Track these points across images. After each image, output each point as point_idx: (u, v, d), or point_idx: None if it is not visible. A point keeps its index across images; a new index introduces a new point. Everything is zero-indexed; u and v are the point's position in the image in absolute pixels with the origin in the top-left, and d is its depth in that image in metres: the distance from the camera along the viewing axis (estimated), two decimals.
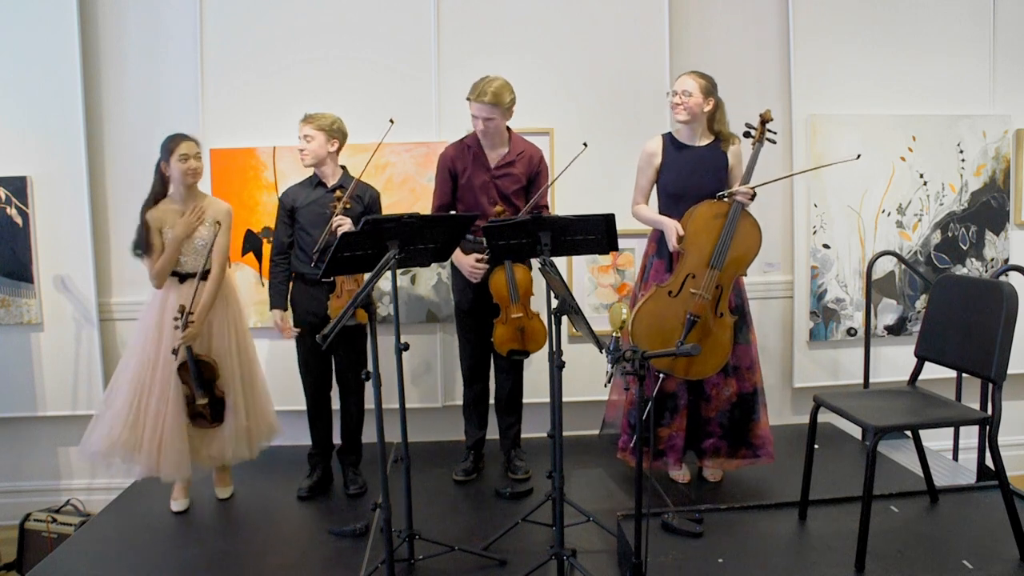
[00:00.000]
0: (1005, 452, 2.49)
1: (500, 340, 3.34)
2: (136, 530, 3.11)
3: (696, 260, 3.10)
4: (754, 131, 3.19)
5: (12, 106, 3.83)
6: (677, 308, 3.09)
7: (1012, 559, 2.44)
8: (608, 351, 2.29)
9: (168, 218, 3.14)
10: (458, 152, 3.37)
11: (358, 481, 3.45)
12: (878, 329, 4.17)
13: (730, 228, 3.07)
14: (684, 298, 3.09)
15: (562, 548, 2.47)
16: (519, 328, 3.32)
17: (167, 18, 3.91)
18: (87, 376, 3.95)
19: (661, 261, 3.28)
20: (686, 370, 3.11)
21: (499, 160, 3.35)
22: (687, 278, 3.10)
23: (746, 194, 3.08)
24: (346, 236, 2.37)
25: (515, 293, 3.29)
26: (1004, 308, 2.44)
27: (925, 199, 4.18)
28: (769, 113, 3.22)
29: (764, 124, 3.19)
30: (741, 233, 3.10)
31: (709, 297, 3.07)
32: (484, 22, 3.94)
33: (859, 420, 2.51)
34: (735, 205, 3.08)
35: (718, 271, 3.07)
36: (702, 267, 3.08)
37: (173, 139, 3.13)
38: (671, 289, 3.11)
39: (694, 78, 3.15)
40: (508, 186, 3.34)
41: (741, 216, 3.09)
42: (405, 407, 2.61)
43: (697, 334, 3.06)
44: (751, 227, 3.14)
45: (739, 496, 3.18)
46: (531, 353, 3.41)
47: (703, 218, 3.09)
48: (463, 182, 3.34)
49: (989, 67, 4.19)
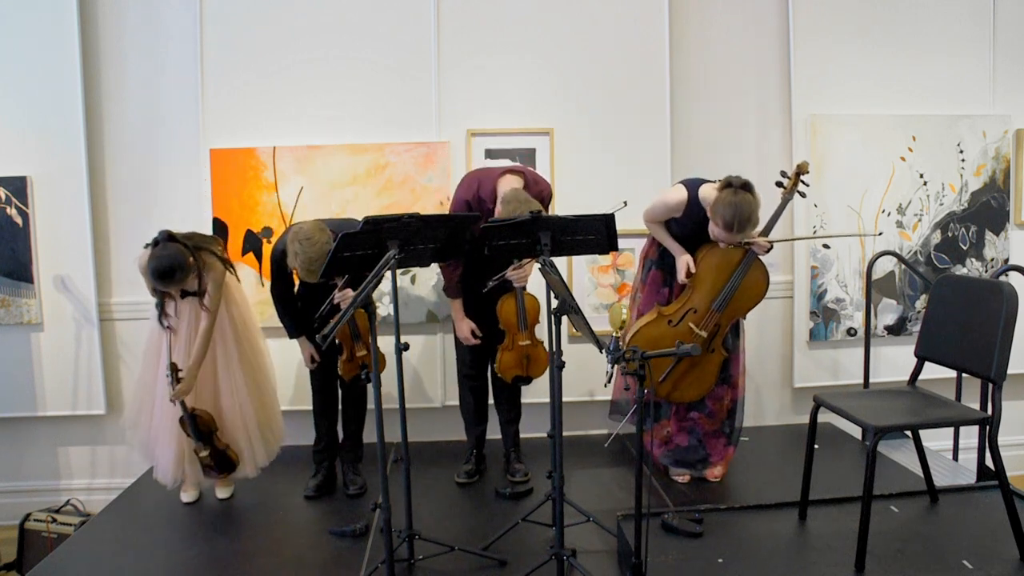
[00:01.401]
0: (1005, 452, 2.49)
1: (505, 367, 3.33)
2: (136, 530, 3.11)
3: (701, 298, 3.12)
4: (787, 181, 3.14)
5: (12, 106, 3.83)
6: (673, 337, 3.10)
7: (1012, 559, 2.44)
8: (608, 351, 2.29)
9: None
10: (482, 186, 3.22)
11: (358, 481, 3.45)
12: (878, 329, 4.17)
13: (741, 275, 3.09)
14: (682, 331, 3.12)
15: (562, 548, 2.47)
16: (525, 356, 3.32)
17: (167, 18, 3.91)
18: (87, 376, 3.95)
19: (659, 272, 3.29)
20: (668, 392, 3.17)
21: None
22: (688, 312, 3.13)
23: (763, 246, 3.08)
24: (346, 236, 2.37)
25: (524, 321, 3.29)
26: (1004, 308, 2.44)
27: (925, 199, 4.18)
28: (807, 165, 3.14)
29: (799, 176, 3.13)
30: (749, 281, 3.11)
31: (706, 335, 3.11)
32: (484, 22, 3.94)
33: (859, 420, 2.51)
34: (750, 253, 3.09)
35: (719, 313, 3.11)
36: (705, 306, 3.11)
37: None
38: (671, 319, 3.14)
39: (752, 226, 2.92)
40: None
41: (753, 265, 3.10)
42: (405, 407, 2.61)
43: (686, 363, 3.12)
44: (760, 276, 3.14)
45: (739, 496, 3.18)
46: (533, 379, 3.41)
47: (716, 260, 3.10)
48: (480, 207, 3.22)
49: (989, 67, 4.19)
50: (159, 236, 2.95)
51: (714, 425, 3.29)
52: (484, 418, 3.61)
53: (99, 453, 4.07)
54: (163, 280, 2.90)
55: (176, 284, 2.95)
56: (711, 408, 3.27)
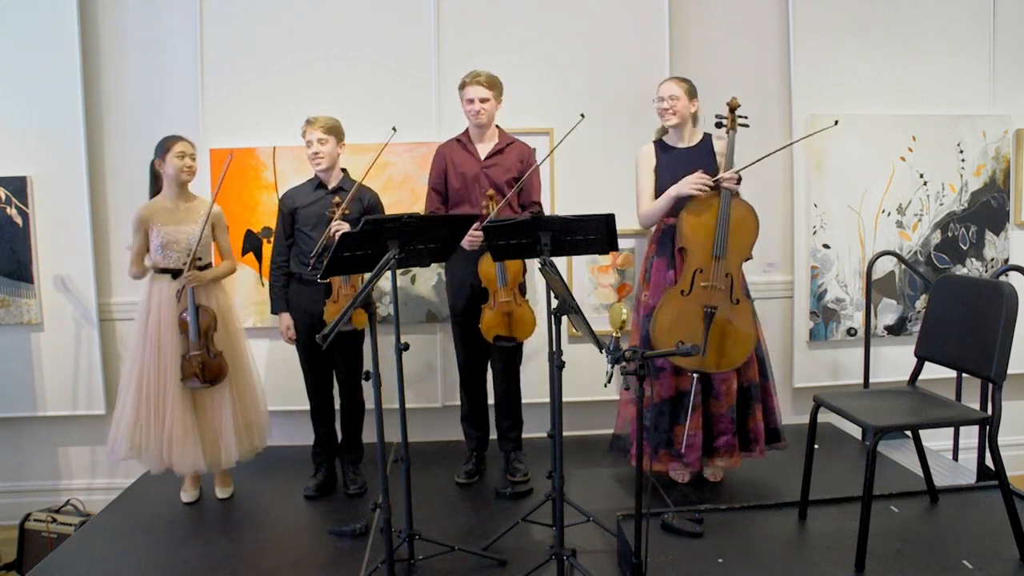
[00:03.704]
0: (1005, 452, 2.49)
1: (487, 325, 3.31)
2: (136, 530, 3.11)
3: (699, 254, 3.14)
4: (725, 120, 3.28)
5: (12, 106, 3.83)
6: (693, 305, 3.13)
7: (1012, 559, 2.44)
8: (608, 351, 2.29)
9: (157, 215, 3.19)
10: (449, 147, 3.45)
11: (358, 481, 3.45)
12: (878, 329, 4.18)
13: (724, 215, 3.13)
14: (697, 293, 3.13)
15: (562, 548, 2.47)
16: (506, 313, 3.30)
17: (167, 18, 3.91)
18: (87, 376, 3.96)
19: (662, 260, 3.29)
20: (717, 363, 3.16)
21: (488, 151, 3.41)
22: (695, 274, 3.14)
23: (731, 179, 3.15)
24: (346, 236, 2.37)
25: (503, 277, 3.28)
26: (1004, 308, 2.44)
27: (925, 199, 4.18)
28: (736, 100, 3.30)
29: (733, 112, 3.28)
30: (736, 218, 3.16)
31: (723, 287, 3.13)
32: (484, 22, 3.94)
33: (859, 420, 2.51)
34: (724, 193, 3.14)
35: (723, 259, 3.13)
36: (707, 259, 3.13)
37: (170, 138, 3.20)
38: (682, 288, 3.15)
39: (677, 83, 3.27)
40: (499, 176, 3.39)
41: (734, 202, 3.16)
42: (405, 407, 2.61)
43: (719, 325, 3.11)
44: (745, 211, 3.20)
45: (739, 496, 3.18)
46: (517, 341, 3.38)
47: (696, 215, 3.14)
48: (455, 172, 3.39)
49: (989, 67, 4.19)
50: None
51: (720, 409, 3.24)
52: (484, 426, 3.61)
53: (99, 453, 4.07)
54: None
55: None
56: (717, 389, 3.24)
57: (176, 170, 3.16)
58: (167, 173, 3.18)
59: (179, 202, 3.23)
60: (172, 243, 3.17)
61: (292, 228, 3.37)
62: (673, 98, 3.23)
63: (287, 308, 3.39)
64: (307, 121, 3.30)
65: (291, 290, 3.39)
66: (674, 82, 3.28)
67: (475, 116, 3.36)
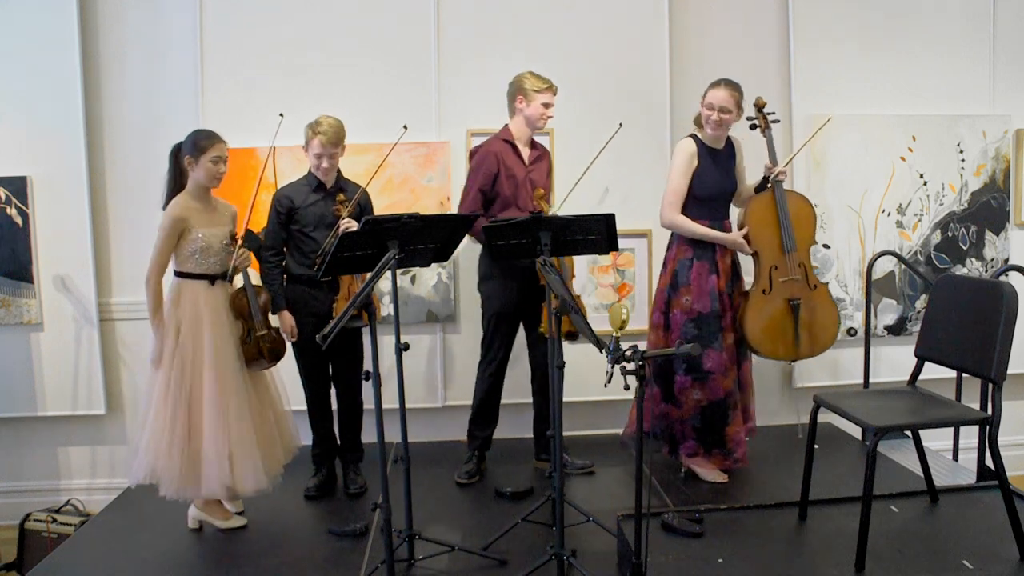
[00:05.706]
0: (1005, 452, 2.49)
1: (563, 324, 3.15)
2: (136, 530, 3.11)
3: (771, 253, 3.28)
4: (758, 121, 3.40)
5: (12, 106, 3.83)
6: (777, 301, 3.28)
7: (1012, 559, 2.43)
8: (608, 351, 2.29)
9: (194, 216, 2.93)
10: (500, 147, 3.43)
11: (358, 481, 3.45)
12: (878, 329, 4.17)
13: (784, 210, 3.26)
14: (778, 290, 3.27)
15: (562, 548, 2.48)
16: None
17: (167, 18, 3.91)
18: (87, 376, 3.95)
19: (703, 264, 3.26)
20: (811, 349, 3.35)
21: (529, 156, 3.50)
22: (771, 271, 3.26)
23: (782, 172, 3.28)
24: (346, 236, 2.37)
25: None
26: (1004, 308, 2.44)
27: (925, 199, 4.18)
28: (761, 99, 3.41)
29: (761, 111, 3.39)
30: (795, 208, 3.30)
31: (799, 278, 3.26)
32: (484, 23, 3.94)
33: (859, 420, 2.51)
34: (777, 189, 3.26)
35: (795, 252, 3.26)
36: (779, 256, 3.27)
37: (209, 137, 2.94)
38: (763, 288, 3.26)
39: (731, 94, 3.20)
40: (540, 179, 3.51)
41: (787, 194, 3.28)
42: (405, 407, 2.61)
43: (807, 313, 3.30)
44: (800, 201, 3.35)
45: (739, 496, 3.18)
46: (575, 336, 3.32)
47: (755, 215, 3.26)
48: (507, 175, 3.40)
49: (989, 67, 4.19)
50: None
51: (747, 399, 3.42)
52: (494, 418, 3.58)
53: (99, 453, 4.07)
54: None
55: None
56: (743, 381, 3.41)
57: (208, 175, 2.92)
58: (196, 175, 2.94)
59: (208, 203, 3.01)
60: (207, 247, 2.93)
61: (288, 227, 3.33)
62: (726, 111, 3.19)
63: (287, 307, 3.37)
64: (315, 132, 3.17)
65: (291, 293, 3.35)
66: (729, 93, 3.19)
67: (544, 122, 3.45)
